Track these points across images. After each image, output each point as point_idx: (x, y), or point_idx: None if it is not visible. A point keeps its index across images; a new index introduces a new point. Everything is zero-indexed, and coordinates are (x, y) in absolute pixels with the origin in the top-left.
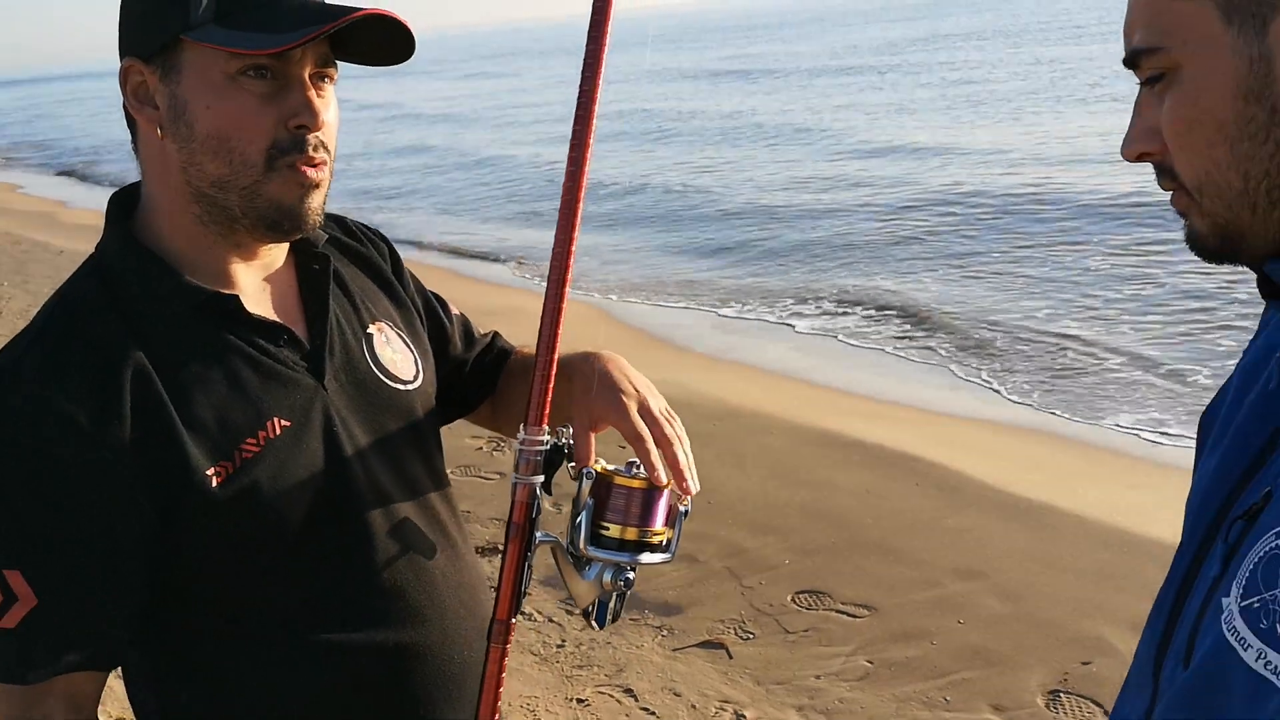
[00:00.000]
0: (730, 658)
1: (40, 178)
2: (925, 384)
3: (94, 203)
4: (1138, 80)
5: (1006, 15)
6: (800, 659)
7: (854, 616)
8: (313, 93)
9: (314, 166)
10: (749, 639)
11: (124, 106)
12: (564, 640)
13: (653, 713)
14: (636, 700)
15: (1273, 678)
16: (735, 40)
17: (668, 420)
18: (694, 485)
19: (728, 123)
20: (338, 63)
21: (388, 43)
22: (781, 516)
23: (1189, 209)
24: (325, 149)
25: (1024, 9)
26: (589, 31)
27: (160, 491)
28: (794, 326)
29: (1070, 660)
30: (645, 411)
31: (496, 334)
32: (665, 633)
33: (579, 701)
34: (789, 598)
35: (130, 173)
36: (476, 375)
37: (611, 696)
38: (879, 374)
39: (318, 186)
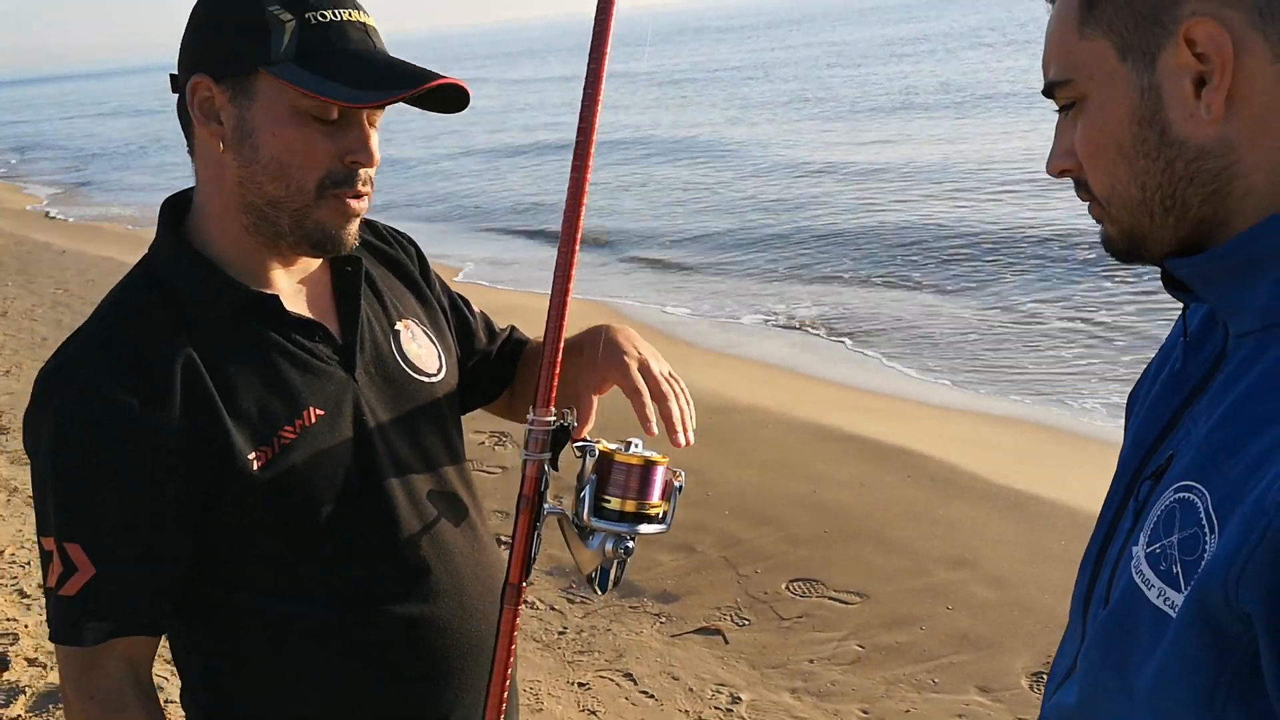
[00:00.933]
0: (726, 643)
1: (42, 178)
2: (913, 378)
3: (91, 205)
4: (1055, 108)
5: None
6: (794, 644)
7: (846, 603)
8: (370, 132)
9: (358, 198)
10: (744, 625)
11: (178, 111)
12: (565, 627)
13: (651, 695)
14: (636, 684)
15: (1170, 611)
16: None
17: (667, 380)
18: (685, 439)
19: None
20: None
21: (444, 97)
22: (776, 508)
23: (1101, 217)
24: (370, 181)
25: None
26: (591, 44)
27: (206, 474)
28: (794, 325)
29: (1054, 644)
30: (645, 370)
31: (514, 327)
32: (663, 620)
33: (580, 685)
34: (783, 586)
35: (122, 177)
36: (496, 366)
37: (612, 680)
38: (869, 369)
39: (358, 216)
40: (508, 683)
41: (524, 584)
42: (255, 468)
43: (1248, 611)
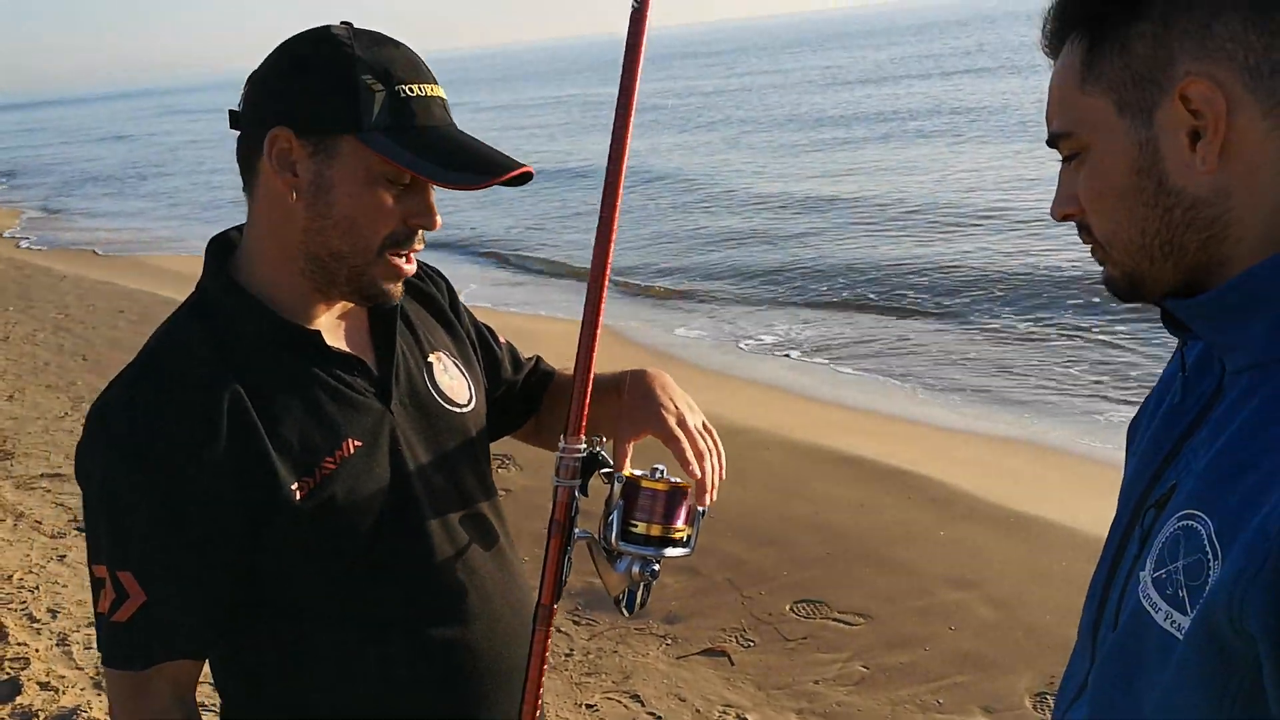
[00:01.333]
0: (732, 664)
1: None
2: (914, 400)
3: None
4: (1059, 157)
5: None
6: (799, 665)
7: (850, 624)
8: (433, 197)
9: (411, 262)
10: (750, 646)
11: (240, 150)
12: (572, 649)
13: (659, 717)
14: (643, 705)
15: (1176, 633)
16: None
17: (704, 434)
18: (710, 497)
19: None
20: None
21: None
22: (779, 529)
23: (1103, 259)
24: (423, 240)
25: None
26: (622, 79)
27: (252, 504)
28: (789, 351)
29: (1057, 665)
30: (683, 424)
31: (539, 358)
32: (669, 641)
33: (588, 707)
34: (787, 607)
35: (111, 204)
36: (522, 396)
37: (619, 702)
38: (867, 391)
39: (408, 275)
40: (540, 700)
41: (554, 606)
42: (298, 498)
43: (1252, 632)
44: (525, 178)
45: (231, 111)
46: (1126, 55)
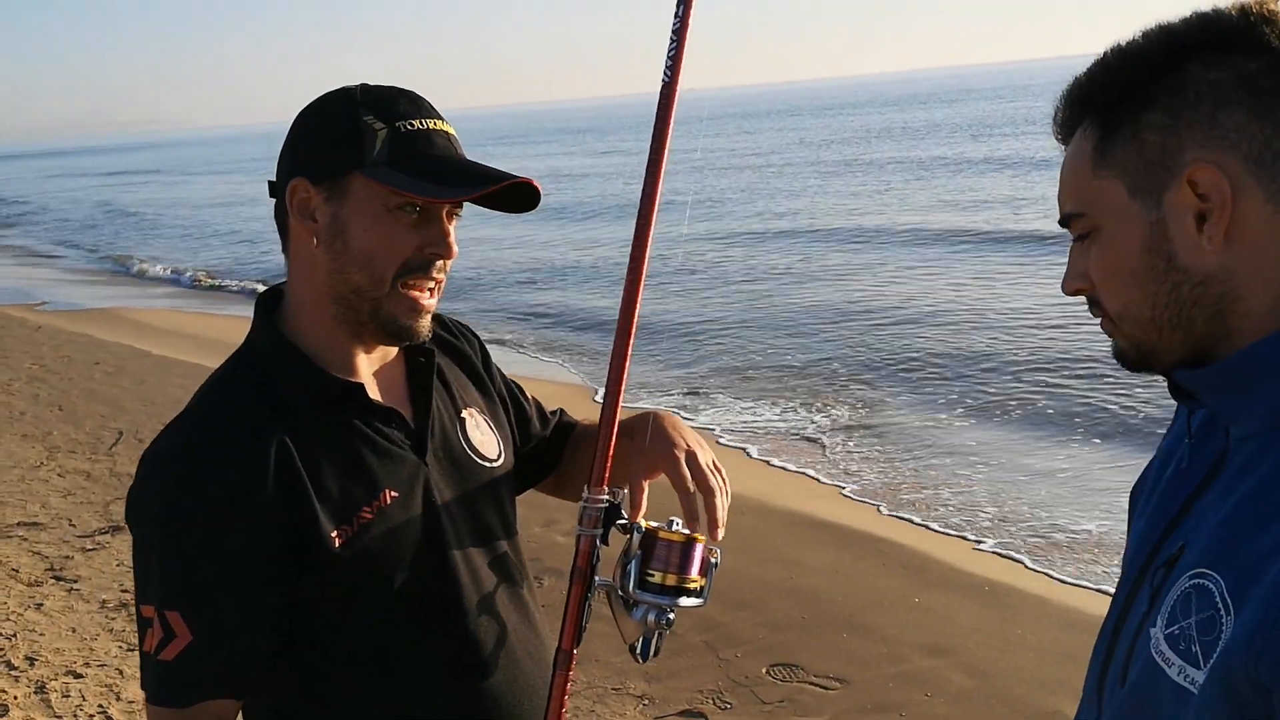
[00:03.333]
0: None
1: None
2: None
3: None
4: (1071, 236)
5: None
6: None
7: (826, 689)
8: (449, 227)
9: (427, 292)
10: (727, 709)
11: (276, 214)
12: None
13: None
14: None
15: (1190, 687)
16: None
17: (713, 472)
18: (720, 533)
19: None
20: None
21: (515, 197)
22: (754, 592)
23: (1113, 332)
24: (444, 270)
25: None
26: (652, 145)
27: (296, 551)
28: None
29: None
30: (693, 462)
31: (562, 410)
32: (646, 702)
33: None
34: (764, 670)
35: (89, 247)
36: (548, 450)
37: None
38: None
39: (428, 310)
40: None
41: (574, 650)
42: (337, 545)
43: (1267, 685)
44: (531, 196)
45: (269, 182)
46: (1138, 143)
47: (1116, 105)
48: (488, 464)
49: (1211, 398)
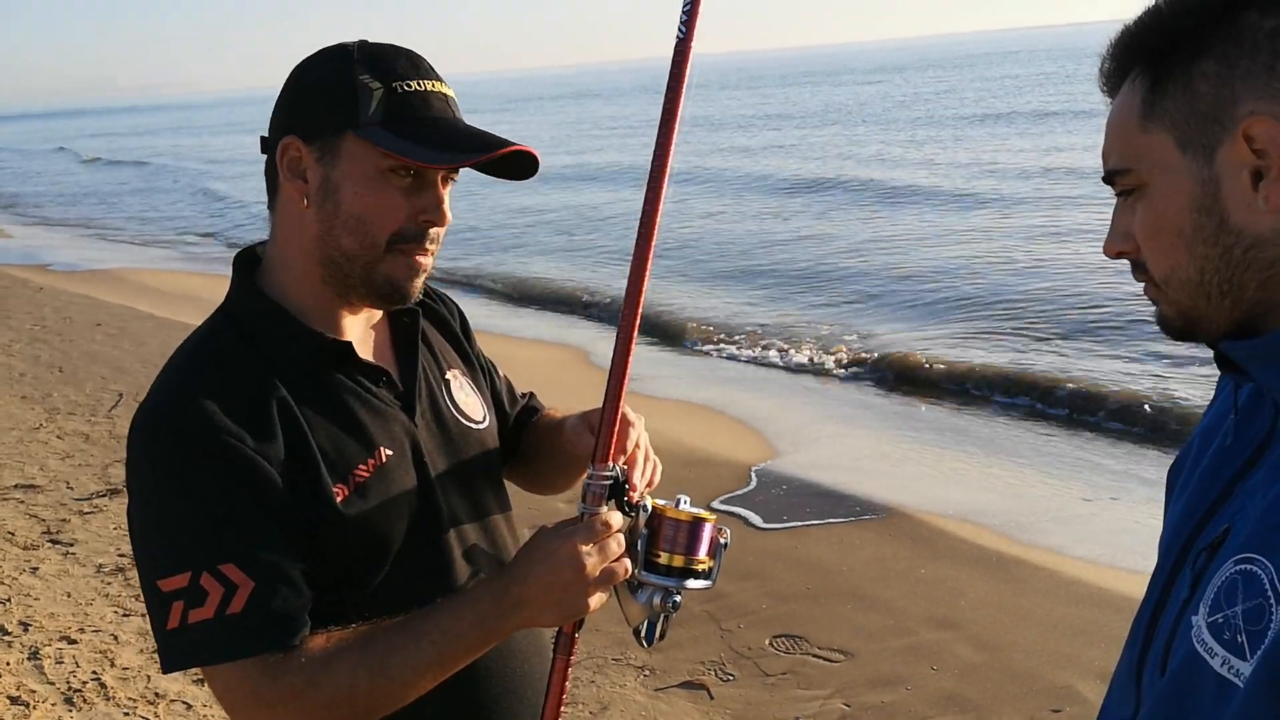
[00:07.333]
0: (711, 698)
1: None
2: (897, 434)
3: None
4: (1114, 193)
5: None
6: (779, 701)
7: (831, 661)
8: (444, 193)
9: (426, 255)
10: (729, 680)
11: (266, 171)
12: None
13: None
14: None
15: (1235, 680)
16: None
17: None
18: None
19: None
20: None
21: (515, 164)
22: (758, 563)
23: (1158, 298)
24: (438, 239)
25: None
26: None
27: (304, 503)
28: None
29: (1041, 708)
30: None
31: (532, 394)
32: (647, 673)
33: None
34: (767, 641)
35: (69, 211)
36: (513, 432)
37: None
38: (847, 425)
39: (425, 271)
40: None
41: (576, 634)
42: (338, 500)
43: None
44: (528, 164)
45: (261, 137)
46: (1189, 93)
47: (1168, 53)
48: (474, 426)
49: (1261, 371)
